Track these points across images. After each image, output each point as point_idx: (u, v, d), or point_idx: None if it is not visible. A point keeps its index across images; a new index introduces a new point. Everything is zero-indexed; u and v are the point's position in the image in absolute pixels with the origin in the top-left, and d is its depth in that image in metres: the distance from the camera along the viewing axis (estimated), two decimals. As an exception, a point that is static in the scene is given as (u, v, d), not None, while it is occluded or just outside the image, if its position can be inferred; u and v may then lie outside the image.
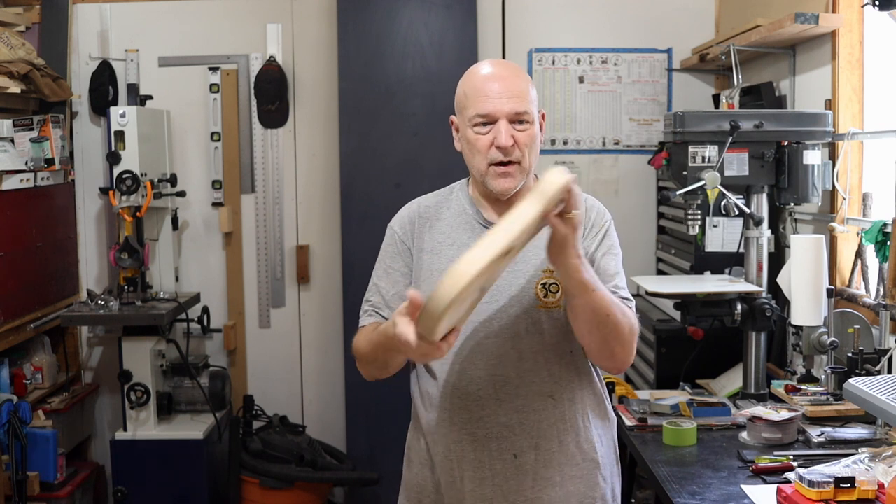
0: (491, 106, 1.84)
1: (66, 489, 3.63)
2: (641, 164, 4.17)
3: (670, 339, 3.25)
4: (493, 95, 1.85)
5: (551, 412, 1.88)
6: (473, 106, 1.86)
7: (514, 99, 1.85)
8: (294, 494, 3.81)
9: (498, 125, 1.84)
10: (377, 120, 3.95)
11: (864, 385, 1.92)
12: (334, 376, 4.26)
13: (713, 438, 2.48)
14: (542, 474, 1.88)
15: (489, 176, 1.88)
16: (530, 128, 1.86)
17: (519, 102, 1.85)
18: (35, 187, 3.69)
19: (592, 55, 4.19)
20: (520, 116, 1.85)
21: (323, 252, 4.26)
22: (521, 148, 1.85)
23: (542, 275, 1.88)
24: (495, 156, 1.85)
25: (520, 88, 1.87)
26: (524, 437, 1.87)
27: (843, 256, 2.97)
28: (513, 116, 1.85)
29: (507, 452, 1.87)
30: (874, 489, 1.87)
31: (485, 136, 1.86)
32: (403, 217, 2.03)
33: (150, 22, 4.17)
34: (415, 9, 3.92)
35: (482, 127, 1.86)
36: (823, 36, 3.08)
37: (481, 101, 1.85)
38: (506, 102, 1.84)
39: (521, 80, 1.89)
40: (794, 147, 2.80)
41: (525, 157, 1.87)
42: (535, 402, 1.87)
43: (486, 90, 1.86)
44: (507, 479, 1.88)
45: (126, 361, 3.68)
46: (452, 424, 1.90)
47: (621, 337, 1.78)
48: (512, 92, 1.85)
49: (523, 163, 1.87)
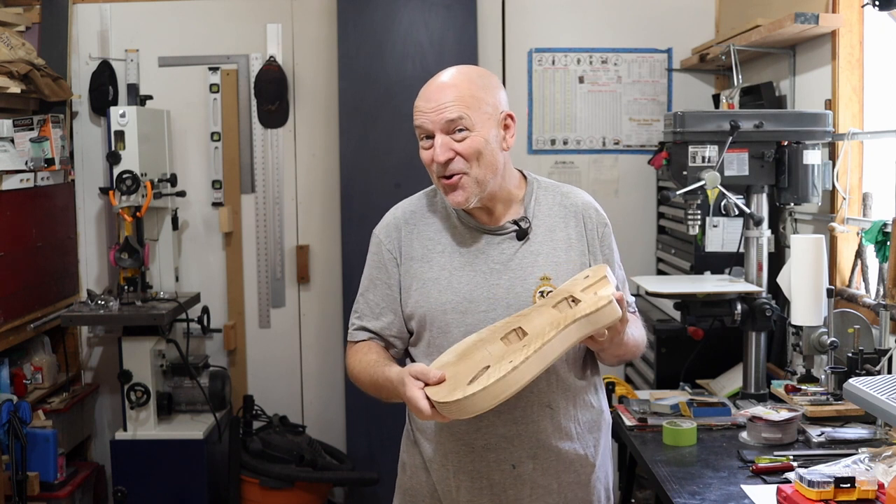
0: (422, 119, 1.81)
1: (66, 489, 3.63)
2: (641, 164, 4.17)
3: (670, 339, 3.25)
4: (426, 108, 1.80)
5: (549, 422, 1.86)
6: (414, 121, 1.83)
7: (444, 110, 1.77)
8: (294, 494, 3.81)
9: (434, 140, 1.80)
10: (377, 120, 3.95)
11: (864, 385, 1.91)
12: (334, 376, 4.27)
13: (713, 438, 2.48)
14: (540, 483, 1.86)
15: (441, 190, 1.85)
16: (471, 135, 1.78)
17: (451, 110, 1.77)
18: (35, 187, 3.69)
19: (592, 55, 4.19)
20: (454, 125, 1.78)
21: (323, 252, 4.26)
22: (466, 158, 1.79)
23: (540, 282, 1.85)
24: (437, 170, 1.81)
25: (460, 96, 1.78)
26: (522, 448, 1.85)
27: (843, 256, 2.97)
28: (447, 127, 1.78)
29: (505, 463, 1.85)
30: (874, 489, 1.87)
31: (427, 152, 1.82)
32: (389, 224, 1.97)
33: (150, 22, 4.17)
34: (415, 9, 3.92)
35: (425, 141, 1.82)
36: (823, 36, 3.08)
37: (416, 115, 1.82)
38: (434, 115, 1.78)
39: (465, 87, 1.80)
40: (794, 147, 2.79)
41: (472, 166, 1.79)
42: (533, 413, 1.85)
43: (419, 105, 1.82)
44: (506, 488, 1.86)
45: (126, 361, 3.68)
46: (450, 435, 1.87)
47: (634, 354, 1.90)
48: (447, 101, 1.78)
49: (471, 173, 1.80)
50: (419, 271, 1.90)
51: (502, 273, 1.86)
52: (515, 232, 1.89)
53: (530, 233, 1.89)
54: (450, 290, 1.86)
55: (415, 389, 1.62)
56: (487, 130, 1.81)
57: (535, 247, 1.88)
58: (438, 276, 1.88)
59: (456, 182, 1.81)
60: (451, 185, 1.82)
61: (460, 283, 1.86)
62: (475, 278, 1.86)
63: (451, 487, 1.88)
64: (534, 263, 1.85)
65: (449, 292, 1.86)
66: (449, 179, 1.81)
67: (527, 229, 1.89)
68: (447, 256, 1.89)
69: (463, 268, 1.87)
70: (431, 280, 1.88)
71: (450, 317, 1.85)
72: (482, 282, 1.85)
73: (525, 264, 1.86)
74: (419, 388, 1.62)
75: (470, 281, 1.86)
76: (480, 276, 1.86)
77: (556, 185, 1.98)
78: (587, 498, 1.92)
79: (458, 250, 1.89)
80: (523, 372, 1.57)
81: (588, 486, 1.92)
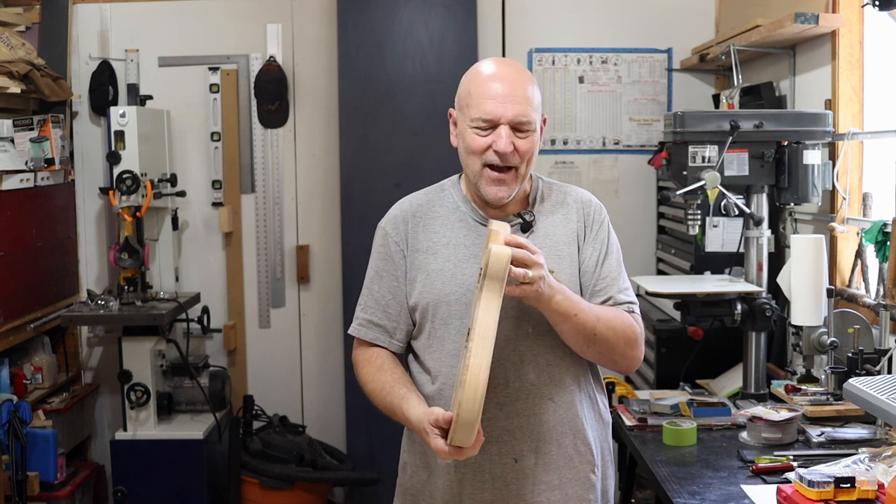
0: (495, 109, 1.81)
1: (66, 489, 3.63)
2: (641, 164, 4.17)
3: (670, 339, 3.25)
4: (498, 98, 1.81)
5: (551, 415, 1.87)
6: (477, 106, 1.83)
7: (519, 105, 1.81)
8: (294, 494, 3.81)
9: (499, 130, 1.81)
10: (377, 120, 3.95)
11: (864, 385, 1.91)
12: (334, 376, 4.27)
13: (713, 438, 2.48)
14: (542, 478, 1.87)
15: (483, 179, 1.85)
16: (531, 136, 1.84)
17: (523, 109, 1.81)
18: (35, 187, 3.69)
19: (592, 55, 4.19)
20: (522, 125, 1.82)
21: (323, 252, 4.26)
22: (521, 155, 1.83)
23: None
24: (491, 159, 1.82)
25: (525, 93, 1.83)
26: (525, 441, 1.86)
27: (843, 256, 2.97)
28: (515, 123, 1.81)
29: (507, 456, 1.87)
30: (874, 489, 1.87)
31: (483, 138, 1.83)
32: (396, 217, 1.99)
33: (150, 22, 4.17)
34: (415, 9, 3.92)
35: (482, 129, 1.83)
36: (823, 36, 3.08)
37: (485, 103, 1.82)
38: (510, 107, 1.81)
39: (527, 84, 1.85)
40: (794, 147, 2.79)
41: (523, 164, 1.84)
42: (535, 406, 1.86)
43: (491, 91, 1.82)
44: (508, 483, 1.87)
45: (126, 361, 3.68)
46: None
47: (615, 349, 1.85)
48: (517, 96, 1.81)
49: (520, 170, 1.85)
50: (424, 263, 1.92)
51: None
52: (520, 225, 1.91)
53: (534, 226, 1.92)
54: (454, 282, 1.88)
55: (438, 440, 1.68)
56: (538, 132, 1.87)
57: (538, 240, 1.89)
58: (443, 268, 1.90)
59: (505, 176, 1.84)
60: (500, 179, 1.84)
61: (465, 274, 1.88)
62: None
63: (454, 482, 1.89)
64: None
65: (453, 283, 1.88)
66: (501, 172, 1.84)
67: (531, 222, 1.91)
68: (452, 248, 1.91)
69: (468, 259, 1.89)
70: (436, 271, 1.90)
71: (453, 308, 1.87)
72: None
73: None
74: (440, 438, 1.67)
75: (474, 273, 1.87)
76: None
77: (559, 184, 2.02)
78: (587, 495, 1.92)
79: (464, 243, 1.91)
80: (477, 365, 1.60)
81: (588, 483, 1.92)
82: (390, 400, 1.85)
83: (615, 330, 1.83)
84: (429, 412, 1.72)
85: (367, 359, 1.95)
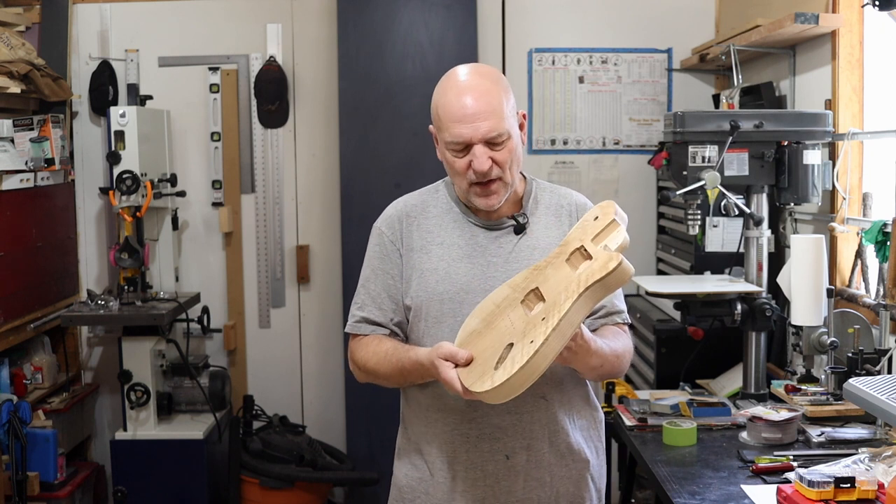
0: (464, 132, 1.81)
1: (66, 489, 3.63)
2: (641, 164, 4.17)
3: (670, 339, 3.25)
4: (466, 119, 1.81)
5: (543, 413, 1.88)
6: (448, 130, 1.83)
7: (488, 120, 1.81)
8: (294, 494, 3.81)
9: (473, 150, 1.82)
10: (377, 120, 3.95)
11: (864, 385, 1.91)
12: (334, 376, 4.27)
13: (713, 438, 2.48)
14: (533, 475, 1.88)
15: (471, 195, 1.88)
16: (508, 144, 1.84)
17: (493, 123, 1.81)
18: (35, 187, 3.69)
19: (592, 55, 4.19)
20: (496, 139, 1.82)
21: (323, 252, 4.26)
22: (501, 166, 1.84)
23: None
24: (473, 178, 1.84)
25: (492, 105, 1.82)
26: (516, 438, 1.87)
27: (843, 256, 2.97)
28: (488, 140, 1.82)
29: (499, 453, 1.87)
30: (874, 489, 1.87)
31: (461, 160, 1.84)
32: (391, 216, 2.00)
33: (150, 22, 4.17)
34: (415, 9, 3.92)
35: (458, 151, 1.84)
36: (823, 36, 3.08)
37: (454, 127, 1.82)
38: (481, 125, 1.81)
39: (495, 94, 1.84)
40: (794, 147, 2.79)
41: (506, 172, 1.85)
42: (527, 404, 1.86)
43: (458, 113, 1.82)
44: (499, 479, 1.88)
45: (126, 361, 3.68)
46: (445, 425, 1.89)
47: (613, 373, 1.91)
48: (484, 112, 1.81)
49: (504, 178, 1.86)
50: (418, 262, 1.93)
51: (500, 266, 1.89)
52: (513, 226, 1.93)
53: (528, 228, 1.93)
54: (447, 281, 1.89)
55: (449, 371, 1.67)
56: (515, 134, 1.87)
57: (532, 241, 1.91)
58: (437, 267, 1.91)
59: (492, 187, 1.86)
60: (487, 191, 1.86)
61: (458, 273, 1.89)
62: (472, 270, 1.89)
63: (446, 478, 1.90)
64: (530, 257, 1.88)
65: (446, 282, 1.89)
66: (486, 185, 1.85)
67: (524, 224, 1.92)
68: (446, 248, 1.92)
69: (461, 259, 1.91)
70: (430, 270, 1.91)
71: (446, 307, 1.88)
72: (479, 274, 1.89)
73: (522, 258, 1.89)
74: (452, 369, 1.67)
75: (468, 272, 1.89)
76: (478, 268, 1.89)
77: (553, 186, 2.03)
78: (579, 493, 1.93)
79: (457, 243, 1.92)
80: (545, 354, 1.60)
81: (581, 481, 1.93)
82: (397, 357, 1.85)
83: (619, 358, 1.87)
84: (436, 346, 1.73)
85: (363, 343, 1.95)
